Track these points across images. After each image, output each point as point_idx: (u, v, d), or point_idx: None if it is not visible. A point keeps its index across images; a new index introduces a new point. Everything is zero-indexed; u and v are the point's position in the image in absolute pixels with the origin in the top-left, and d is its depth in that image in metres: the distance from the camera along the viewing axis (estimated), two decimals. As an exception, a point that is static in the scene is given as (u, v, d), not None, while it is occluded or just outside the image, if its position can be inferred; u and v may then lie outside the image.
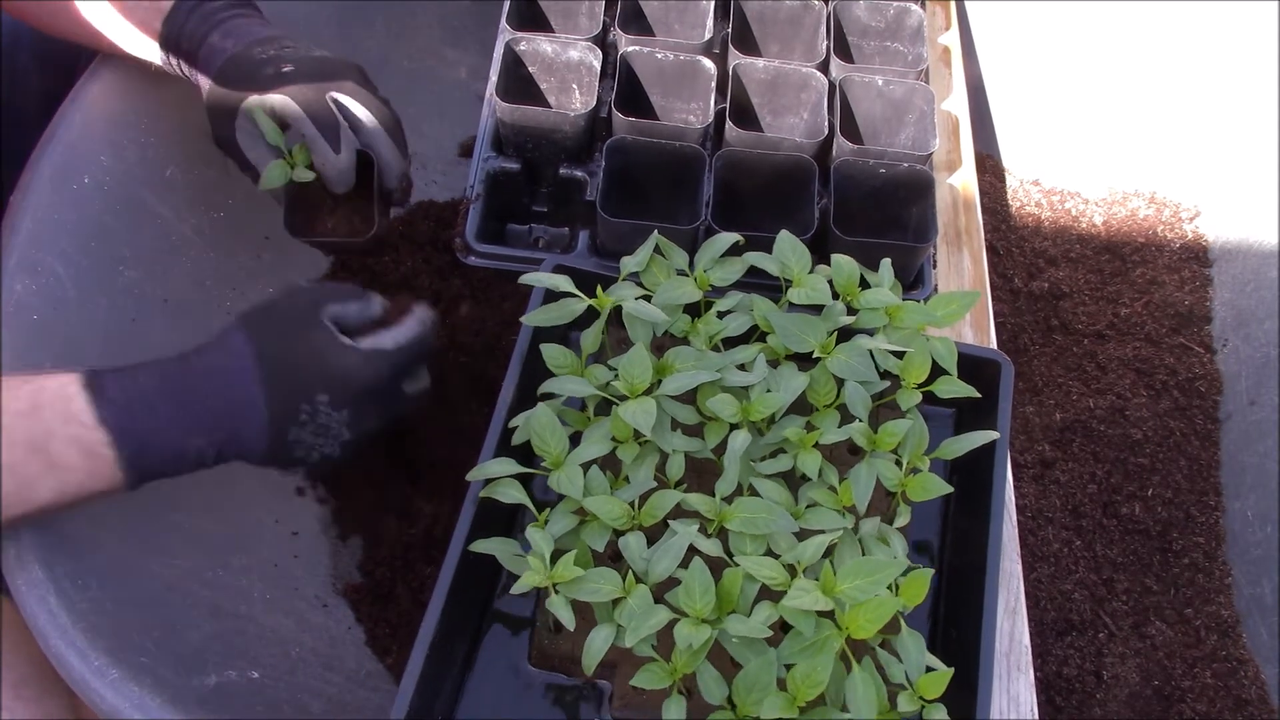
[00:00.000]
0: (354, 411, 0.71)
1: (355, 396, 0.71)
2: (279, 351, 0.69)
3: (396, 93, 1.19)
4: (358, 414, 0.71)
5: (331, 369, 0.70)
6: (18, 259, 0.77)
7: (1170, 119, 1.34)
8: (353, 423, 0.71)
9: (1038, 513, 1.13)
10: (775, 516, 0.66)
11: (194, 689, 0.72)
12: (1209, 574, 1.11)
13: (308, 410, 0.69)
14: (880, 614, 0.60)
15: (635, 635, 0.62)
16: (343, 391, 0.70)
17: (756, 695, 0.60)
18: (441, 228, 1.13)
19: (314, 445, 0.71)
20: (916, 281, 0.92)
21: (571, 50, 0.97)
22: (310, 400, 0.69)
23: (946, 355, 0.74)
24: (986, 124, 1.40)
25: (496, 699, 0.72)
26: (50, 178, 0.81)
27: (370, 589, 0.94)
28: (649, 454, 0.71)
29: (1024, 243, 1.34)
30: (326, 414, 0.70)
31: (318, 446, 0.71)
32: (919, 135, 0.96)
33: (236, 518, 0.89)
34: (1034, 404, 1.21)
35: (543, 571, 0.65)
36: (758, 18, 1.04)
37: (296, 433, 0.70)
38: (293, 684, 0.81)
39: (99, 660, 0.68)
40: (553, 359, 0.74)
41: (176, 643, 0.75)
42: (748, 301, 0.77)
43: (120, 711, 0.67)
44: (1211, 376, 1.21)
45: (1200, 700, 1.03)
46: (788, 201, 0.90)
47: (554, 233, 1.01)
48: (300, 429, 0.70)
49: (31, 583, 0.69)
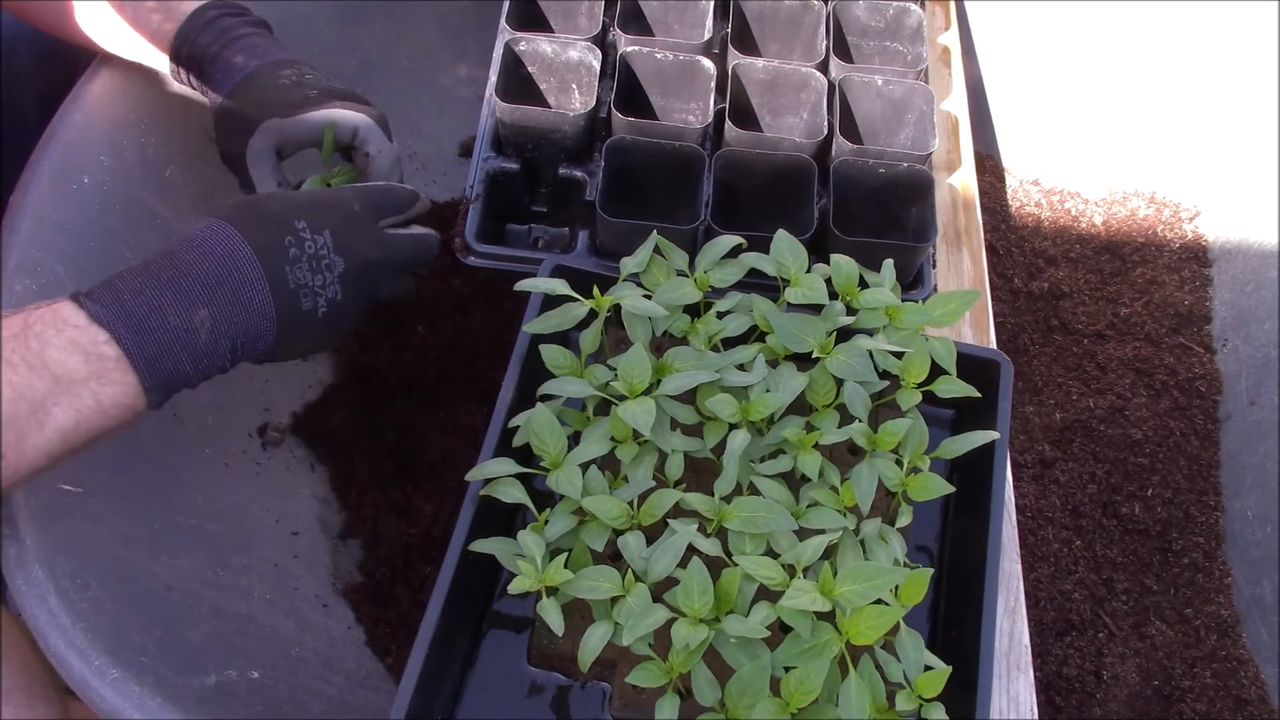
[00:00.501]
0: (336, 233, 0.71)
1: (331, 216, 0.71)
2: (244, 206, 0.70)
3: (396, 93, 1.19)
4: (341, 236, 0.71)
5: (297, 198, 0.72)
6: (18, 259, 0.77)
7: (1170, 119, 1.34)
8: (340, 247, 0.71)
9: (1038, 512, 1.13)
10: (775, 515, 0.66)
11: (194, 689, 0.72)
12: (1209, 574, 1.11)
13: (292, 241, 0.68)
14: (882, 622, 0.60)
15: (633, 634, 0.62)
16: (316, 213, 0.70)
17: (749, 699, 0.60)
18: (441, 228, 1.12)
19: (318, 287, 0.69)
20: (916, 281, 0.92)
21: (571, 50, 0.97)
22: (289, 229, 0.68)
23: (946, 356, 0.74)
24: (986, 124, 1.40)
25: (496, 699, 0.72)
26: (50, 178, 0.81)
27: (370, 589, 0.94)
28: (648, 454, 0.71)
29: (1024, 243, 1.34)
30: (311, 240, 0.69)
31: (321, 290, 0.70)
32: (918, 135, 0.96)
33: (236, 518, 0.89)
34: (1034, 404, 1.21)
35: (534, 575, 0.65)
36: (757, 18, 1.04)
37: (293, 274, 0.68)
38: (293, 684, 0.81)
39: (99, 660, 0.68)
40: (552, 359, 0.74)
41: (176, 642, 0.75)
42: (747, 302, 0.77)
43: (120, 711, 0.67)
44: (1211, 376, 1.21)
45: (1200, 700, 1.03)
46: (787, 202, 0.90)
47: (554, 233, 1.01)
48: (294, 267, 0.68)
49: (31, 582, 0.69)
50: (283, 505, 0.94)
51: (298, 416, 1.01)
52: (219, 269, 0.65)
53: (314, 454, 1.00)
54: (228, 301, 0.65)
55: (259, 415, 0.97)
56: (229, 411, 0.94)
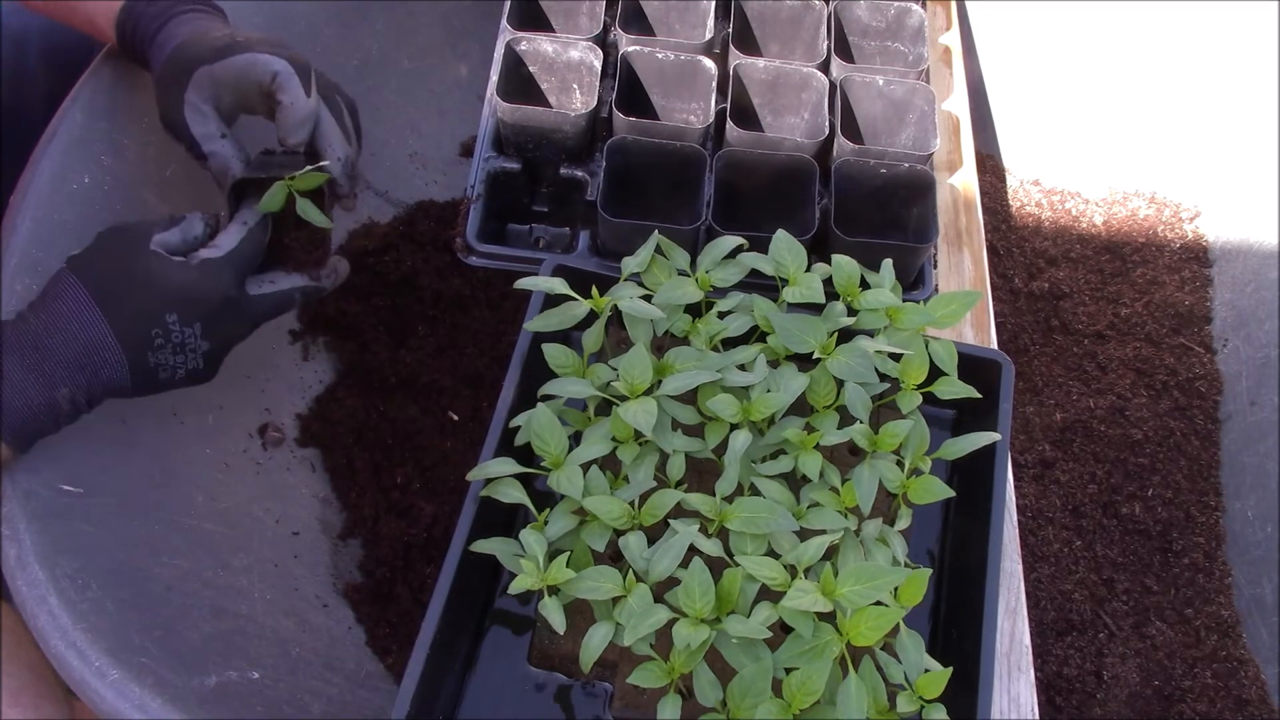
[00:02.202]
0: (207, 323, 0.72)
1: (203, 309, 0.72)
2: (114, 285, 0.70)
3: (396, 93, 1.19)
4: (211, 324, 0.73)
5: (170, 288, 0.71)
6: (18, 259, 0.77)
7: (1170, 119, 1.34)
8: (209, 333, 0.73)
9: (1038, 513, 1.13)
10: (776, 515, 0.66)
11: (194, 689, 0.72)
12: (1209, 574, 1.11)
13: (159, 333, 0.71)
14: (882, 623, 0.61)
15: (634, 634, 0.62)
16: (189, 306, 0.71)
17: (751, 700, 0.60)
18: (442, 227, 1.13)
19: (177, 364, 0.72)
20: (917, 282, 0.92)
21: (572, 50, 0.97)
22: (159, 323, 0.70)
23: (946, 358, 0.74)
24: (987, 124, 1.40)
25: (497, 699, 0.72)
26: (50, 178, 0.81)
27: (370, 589, 0.94)
28: (649, 454, 0.71)
29: (1024, 243, 1.34)
30: (179, 331, 0.71)
31: (182, 364, 0.73)
32: (919, 135, 0.96)
33: (236, 518, 0.89)
34: (1034, 404, 1.21)
35: (536, 574, 0.64)
36: (758, 17, 1.04)
37: (155, 357, 0.71)
38: (293, 684, 0.81)
39: (99, 661, 0.68)
40: (554, 359, 0.74)
41: (177, 643, 0.75)
42: (748, 302, 0.77)
43: (121, 712, 0.67)
44: (1212, 376, 1.21)
45: (1200, 700, 1.03)
46: (788, 202, 0.90)
47: (555, 233, 1.01)
48: (158, 353, 0.71)
49: (32, 583, 0.69)
50: (283, 505, 0.94)
51: (298, 416, 1.01)
52: (83, 355, 0.69)
53: (314, 454, 1.00)
54: (88, 380, 0.70)
55: (259, 415, 0.97)
56: (229, 411, 0.94)
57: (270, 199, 0.77)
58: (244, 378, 0.97)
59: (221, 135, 0.78)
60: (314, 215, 0.78)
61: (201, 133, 0.77)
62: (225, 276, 0.73)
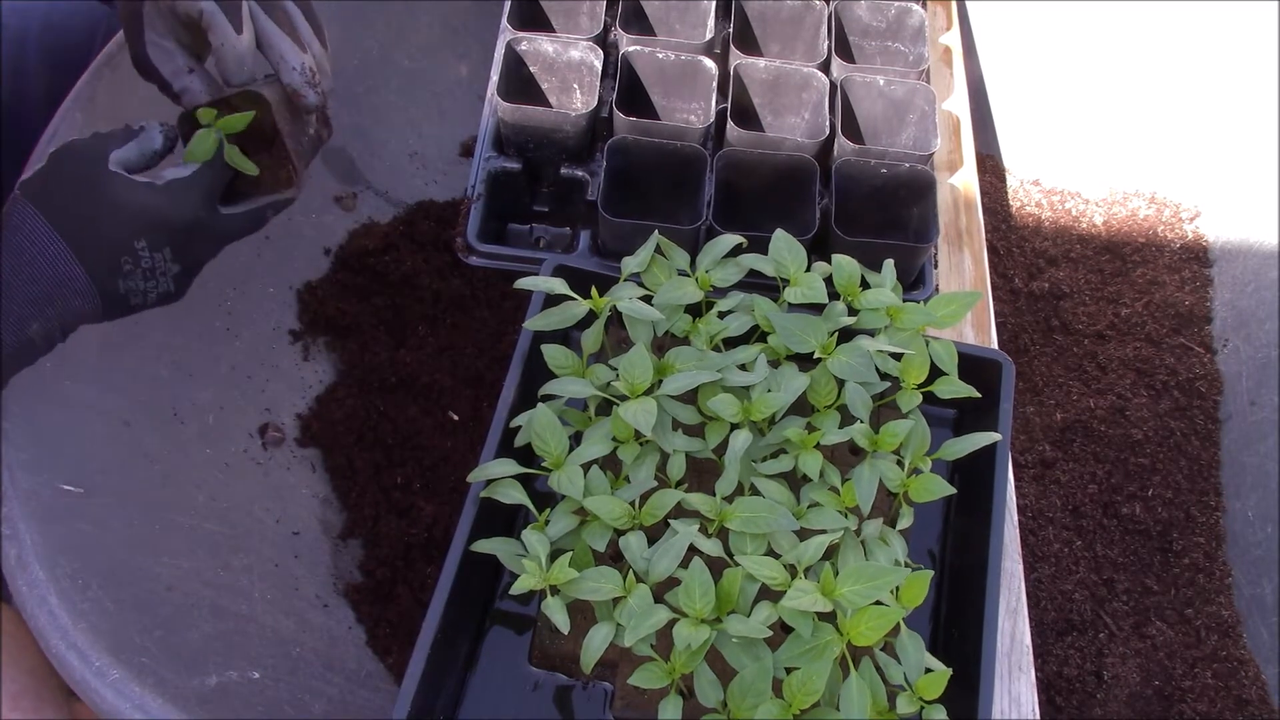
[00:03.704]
0: (176, 246, 0.70)
1: (173, 232, 0.70)
2: (78, 215, 0.67)
3: (396, 92, 1.19)
4: (181, 247, 0.71)
5: (138, 213, 0.68)
6: (18, 259, 0.77)
7: (1170, 119, 1.34)
8: (179, 256, 0.71)
9: (1038, 513, 1.13)
10: (776, 515, 0.66)
11: (195, 689, 0.72)
12: (1209, 574, 1.11)
13: (129, 260, 0.68)
14: (883, 623, 0.60)
15: (634, 634, 0.62)
16: (158, 231, 0.69)
17: (752, 700, 0.60)
18: (442, 227, 1.13)
19: (149, 289, 0.70)
20: (917, 282, 0.92)
21: (573, 50, 0.97)
22: (128, 250, 0.68)
23: (946, 358, 0.74)
24: (987, 124, 1.40)
25: (498, 699, 0.72)
26: (51, 177, 0.81)
27: (370, 589, 0.94)
28: (650, 454, 0.71)
29: (1024, 243, 1.34)
30: (149, 257, 0.69)
31: (153, 289, 0.70)
32: (920, 135, 0.96)
33: (236, 518, 0.89)
34: (1034, 404, 1.21)
35: (538, 574, 0.64)
36: (759, 17, 1.04)
37: (126, 284, 0.69)
38: (293, 684, 0.81)
39: (100, 661, 0.68)
40: (554, 359, 0.74)
41: (177, 643, 0.75)
42: (749, 301, 0.77)
43: (121, 712, 0.67)
44: (1212, 377, 1.21)
45: (1200, 700, 1.03)
46: (789, 202, 0.90)
47: (555, 233, 1.01)
48: (128, 279, 0.69)
49: (32, 583, 0.69)
50: (283, 505, 0.94)
51: (298, 416, 1.01)
52: (50, 290, 0.66)
53: (314, 454, 1.00)
54: (58, 313, 0.67)
55: (259, 415, 0.97)
56: (229, 411, 0.94)
57: (196, 146, 0.73)
58: (244, 378, 0.97)
59: (189, 70, 0.75)
60: (240, 162, 0.74)
61: (169, 69, 0.75)
62: (194, 197, 0.71)
